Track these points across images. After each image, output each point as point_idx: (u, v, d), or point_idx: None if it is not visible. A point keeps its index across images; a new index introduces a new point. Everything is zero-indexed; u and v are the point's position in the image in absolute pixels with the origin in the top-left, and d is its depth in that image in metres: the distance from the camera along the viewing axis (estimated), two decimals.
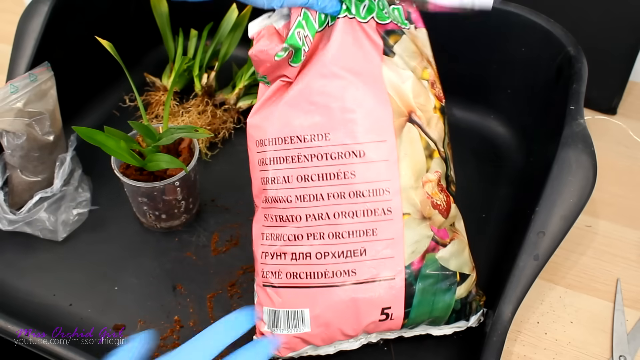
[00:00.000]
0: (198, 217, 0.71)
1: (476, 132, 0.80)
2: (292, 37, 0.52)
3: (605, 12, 0.77)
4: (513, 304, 0.54)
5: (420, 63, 0.56)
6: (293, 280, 0.53)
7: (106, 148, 0.61)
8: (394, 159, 0.52)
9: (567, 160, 0.57)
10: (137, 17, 0.85)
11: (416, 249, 0.53)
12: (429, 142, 0.54)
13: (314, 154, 0.52)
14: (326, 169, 0.52)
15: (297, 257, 0.53)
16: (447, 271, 0.54)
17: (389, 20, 0.54)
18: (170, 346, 0.60)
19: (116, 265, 0.67)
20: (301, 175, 0.53)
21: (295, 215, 0.53)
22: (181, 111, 0.79)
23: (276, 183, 0.54)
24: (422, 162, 0.54)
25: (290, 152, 0.53)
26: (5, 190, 0.69)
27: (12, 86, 0.64)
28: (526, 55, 0.73)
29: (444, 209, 0.55)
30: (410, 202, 0.53)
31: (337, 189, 0.52)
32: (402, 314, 0.53)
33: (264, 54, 0.53)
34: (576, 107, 0.60)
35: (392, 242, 0.52)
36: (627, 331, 0.62)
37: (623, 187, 0.75)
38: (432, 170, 0.54)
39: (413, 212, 0.53)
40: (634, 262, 0.67)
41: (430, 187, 0.54)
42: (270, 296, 0.54)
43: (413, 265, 0.53)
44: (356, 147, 0.52)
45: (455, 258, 0.55)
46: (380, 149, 0.52)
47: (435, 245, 0.54)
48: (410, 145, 0.53)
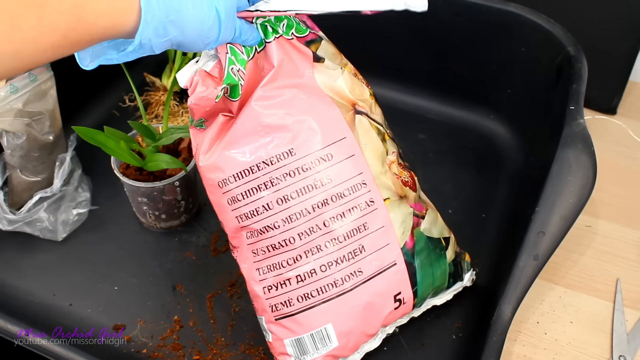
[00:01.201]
0: (198, 217, 0.71)
1: (476, 132, 0.80)
2: (228, 76, 0.50)
3: (605, 12, 0.77)
4: (513, 304, 0.54)
5: (341, 61, 0.57)
6: (307, 302, 0.53)
7: (106, 148, 0.61)
8: (358, 152, 0.53)
9: (567, 160, 0.57)
10: None
11: (405, 228, 0.55)
12: (378, 127, 0.56)
13: (286, 172, 0.51)
14: (302, 183, 0.51)
15: (303, 278, 0.52)
16: (433, 240, 0.57)
17: (307, 32, 0.54)
18: (170, 346, 0.60)
19: (116, 265, 0.67)
20: (280, 198, 0.51)
21: (288, 238, 0.52)
22: (181, 111, 0.79)
23: (257, 214, 0.52)
24: (380, 146, 0.55)
25: (261, 179, 0.51)
26: (5, 190, 0.69)
27: (12, 86, 0.64)
28: (526, 55, 0.73)
29: (412, 183, 0.58)
30: (386, 187, 0.54)
31: (319, 198, 0.52)
32: (412, 294, 0.55)
33: (204, 100, 0.51)
34: (576, 107, 0.60)
35: (383, 229, 0.53)
36: (627, 331, 0.62)
37: (623, 187, 0.75)
38: (390, 151, 0.57)
39: (391, 195, 0.54)
40: (634, 262, 0.67)
41: (395, 168, 0.56)
42: (288, 327, 0.53)
43: (407, 244, 0.55)
44: (322, 152, 0.52)
45: (434, 226, 0.58)
46: (344, 147, 0.53)
47: (417, 220, 0.56)
48: (366, 134, 0.55)
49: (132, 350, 0.60)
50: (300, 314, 0.53)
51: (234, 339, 0.61)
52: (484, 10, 0.72)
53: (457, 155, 0.77)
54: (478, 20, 0.74)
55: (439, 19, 0.56)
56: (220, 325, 0.61)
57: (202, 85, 0.51)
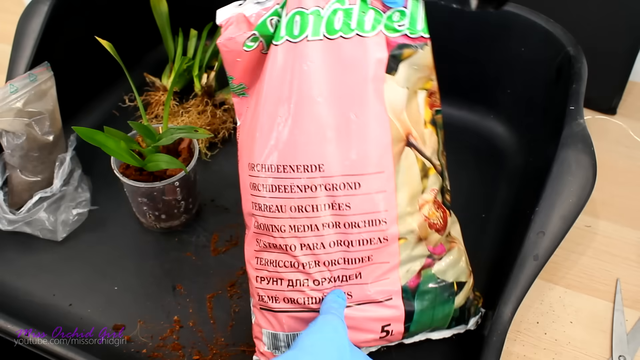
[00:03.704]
0: (198, 217, 0.71)
1: (476, 132, 0.80)
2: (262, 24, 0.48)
3: (605, 12, 0.77)
4: (513, 304, 0.54)
5: (428, 75, 0.53)
6: (292, 306, 0.52)
7: (106, 148, 0.61)
8: (392, 189, 0.50)
9: (566, 160, 0.57)
10: (137, 17, 0.85)
11: (410, 267, 0.52)
12: (424, 162, 0.52)
13: (308, 185, 0.49)
14: (320, 200, 0.49)
15: (294, 284, 0.52)
16: (445, 283, 0.54)
17: (400, 32, 0.50)
18: (170, 346, 0.60)
19: (116, 265, 0.67)
20: (294, 206, 0.50)
21: (290, 245, 0.51)
22: (181, 111, 0.79)
23: (269, 211, 0.51)
24: (418, 186, 0.52)
25: (283, 182, 0.50)
26: (5, 190, 0.69)
27: (11, 86, 0.64)
28: (526, 55, 0.73)
29: (441, 226, 0.54)
30: (408, 228, 0.51)
31: (332, 219, 0.50)
32: (402, 330, 0.53)
33: (232, 43, 0.49)
34: (576, 107, 0.60)
35: (387, 265, 0.51)
36: (626, 331, 0.62)
37: (623, 187, 0.75)
38: (429, 189, 0.53)
39: (410, 237, 0.51)
40: (633, 262, 0.67)
41: (427, 209, 0.52)
42: (269, 320, 0.54)
43: (409, 283, 0.52)
44: (351, 179, 0.49)
45: (452, 268, 0.55)
46: (378, 181, 0.49)
47: (430, 262, 0.53)
48: (408, 172, 0.51)
49: (132, 350, 0.60)
50: (283, 313, 0.53)
51: (234, 339, 0.61)
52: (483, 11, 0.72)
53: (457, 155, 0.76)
54: (478, 20, 0.74)
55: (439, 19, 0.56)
56: (220, 325, 0.61)
57: (235, 27, 0.50)
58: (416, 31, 0.50)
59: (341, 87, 0.49)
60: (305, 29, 0.49)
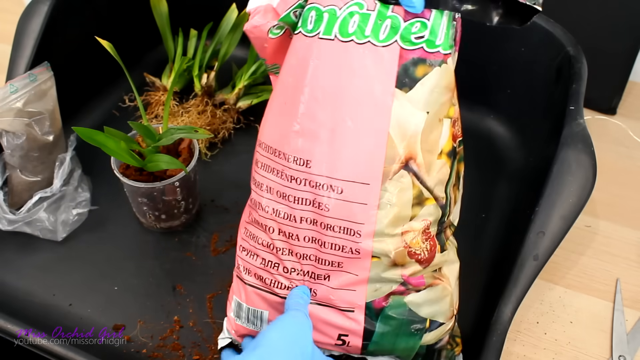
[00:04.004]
0: (198, 217, 0.71)
1: (476, 132, 0.80)
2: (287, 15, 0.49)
3: (605, 12, 0.77)
4: (513, 304, 0.54)
5: (450, 99, 0.50)
6: (259, 283, 0.53)
7: (106, 148, 0.61)
8: (374, 204, 0.48)
9: (566, 160, 0.57)
10: (137, 17, 0.85)
11: (380, 288, 0.51)
12: (422, 190, 0.50)
13: (294, 177, 0.50)
14: (303, 194, 0.50)
15: (266, 264, 0.53)
16: (415, 316, 0.52)
17: (417, 45, 0.48)
18: (169, 346, 0.60)
19: (116, 265, 0.67)
20: (281, 192, 0.51)
21: (270, 227, 0.52)
22: (181, 111, 0.79)
23: (260, 189, 0.52)
24: (407, 210, 0.49)
25: (276, 166, 0.51)
26: (5, 190, 0.69)
27: (11, 86, 0.64)
28: (526, 55, 0.73)
29: (424, 258, 0.51)
30: (383, 249, 0.49)
31: (311, 216, 0.50)
32: (360, 345, 0.53)
33: (257, 30, 0.50)
34: (576, 107, 0.60)
35: (356, 277, 0.50)
36: (626, 331, 0.62)
37: (623, 187, 0.75)
38: (420, 218, 0.50)
39: (384, 258, 0.50)
40: (633, 262, 0.67)
41: (410, 237, 0.50)
42: (239, 288, 0.55)
43: (375, 303, 0.51)
44: (335, 182, 0.49)
45: (430, 305, 0.52)
46: (361, 192, 0.48)
47: (403, 289, 0.51)
48: (398, 194, 0.49)
49: (132, 350, 0.60)
50: (250, 287, 0.54)
51: None
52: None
53: None
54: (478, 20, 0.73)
55: None
56: (220, 325, 0.61)
57: (261, 16, 0.51)
58: (434, 46, 0.48)
59: (343, 91, 0.48)
60: (318, 25, 0.49)
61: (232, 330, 0.57)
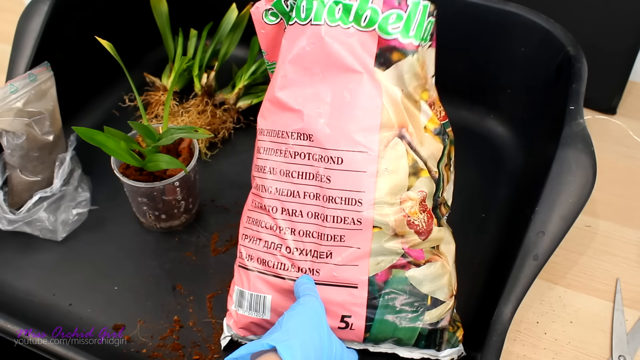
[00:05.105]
0: (198, 217, 0.71)
1: (476, 132, 0.80)
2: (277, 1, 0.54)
3: (605, 12, 0.77)
4: (513, 304, 0.54)
5: (421, 85, 0.54)
6: (262, 267, 0.55)
7: (106, 148, 0.61)
8: (373, 171, 0.51)
9: (566, 160, 0.57)
10: (137, 17, 0.85)
11: (382, 261, 0.52)
12: (417, 160, 0.53)
13: (298, 152, 0.53)
14: (306, 169, 0.52)
15: (269, 246, 0.55)
16: (417, 293, 0.53)
17: (393, 36, 0.52)
18: (169, 346, 0.60)
19: (116, 265, 0.67)
20: (284, 170, 0.54)
21: (273, 207, 0.54)
22: (181, 111, 0.79)
23: (263, 172, 0.55)
24: (404, 179, 0.52)
25: (279, 146, 0.54)
26: (5, 190, 0.69)
27: (11, 86, 0.64)
28: (526, 55, 0.73)
29: (423, 229, 0.53)
30: (383, 217, 0.51)
31: (313, 190, 0.52)
32: (363, 327, 0.53)
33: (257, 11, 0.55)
34: (576, 107, 0.60)
35: (358, 251, 0.52)
36: (626, 331, 0.62)
37: (623, 187, 0.75)
38: (416, 189, 0.53)
39: (385, 227, 0.52)
40: (633, 262, 0.67)
41: (409, 206, 0.52)
42: (241, 277, 0.57)
43: (377, 277, 0.52)
44: (335, 153, 0.51)
45: (430, 281, 0.54)
46: (360, 160, 0.51)
47: (405, 263, 0.53)
48: (395, 161, 0.52)
49: (132, 350, 0.60)
50: (253, 272, 0.56)
51: None
52: (483, 10, 0.72)
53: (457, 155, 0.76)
54: (477, 20, 0.74)
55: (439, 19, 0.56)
56: (220, 325, 0.61)
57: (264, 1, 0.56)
58: (407, 37, 0.52)
59: (339, 68, 0.52)
60: (309, 13, 0.53)
61: (233, 323, 0.57)
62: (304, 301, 0.49)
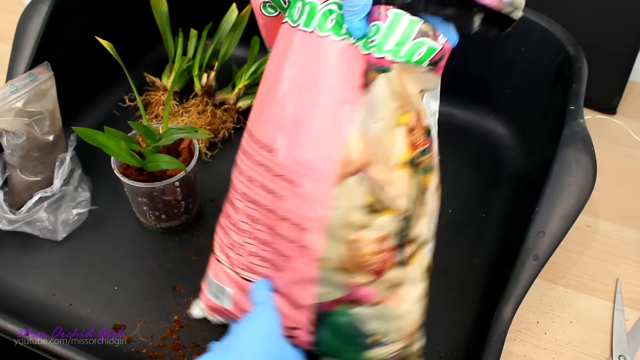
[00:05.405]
0: (198, 217, 0.71)
1: (476, 132, 0.80)
2: None
3: (605, 12, 0.77)
4: (513, 304, 0.54)
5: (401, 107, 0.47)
6: (226, 260, 0.56)
7: (106, 148, 0.61)
8: (325, 204, 0.47)
9: (567, 160, 0.57)
10: (137, 17, 0.85)
11: (329, 292, 0.50)
12: (378, 199, 0.48)
13: (261, 162, 0.50)
14: (266, 180, 0.50)
15: (233, 243, 0.55)
16: (358, 330, 0.51)
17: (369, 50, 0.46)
18: (169, 346, 0.60)
19: (116, 265, 0.67)
20: (249, 175, 0.51)
21: (238, 207, 0.54)
22: (181, 111, 0.79)
23: (237, 170, 0.54)
24: (360, 217, 0.48)
25: (249, 149, 0.52)
26: (5, 190, 0.69)
27: (12, 86, 0.64)
28: (526, 55, 0.73)
29: (375, 269, 0.49)
30: (331, 251, 0.48)
31: (270, 204, 0.50)
32: (309, 341, 0.53)
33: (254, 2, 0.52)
34: (576, 107, 0.60)
35: (305, 275, 0.50)
36: (626, 331, 0.62)
37: (623, 187, 0.75)
38: (374, 228, 0.48)
39: (331, 260, 0.49)
40: (634, 262, 0.67)
41: (361, 245, 0.48)
42: (212, 265, 0.58)
43: (323, 305, 0.51)
44: (293, 175, 0.48)
45: (378, 322, 0.51)
46: (314, 188, 0.47)
47: (352, 299, 0.50)
48: (350, 199, 0.47)
49: (132, 350, 0.60)
50: (218, 263, 0.57)
51: None
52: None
53: (457, 155, 0.76)
54: None
55: None
56: (220, 325, 0.61)
57: None
58: (382, 51, 0.46)
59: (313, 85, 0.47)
60: (300, 16, 0.48)
61: (203, 298, 0.59)
62: (258, 312, 0.49)
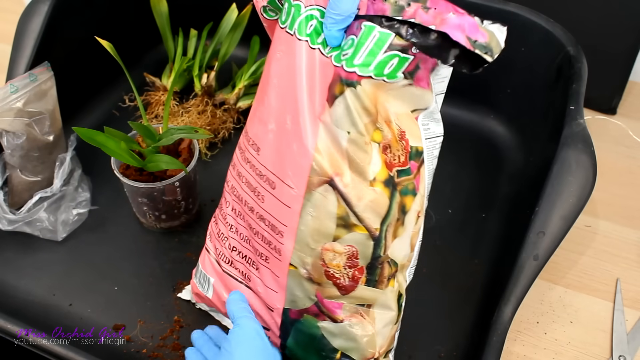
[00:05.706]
0: (198, 217, 0.71)
1: (476, 132, 0.80)
2: None
3: (605, 12, 0.77)
4: (513, 304, 0.54)
5: (372, 123, 0.46)
6: (213, 250, 0.58)
7: (106, 149, 0.61)
8: (297, 210, 0.48)
9: (567, 160, 0.57)
10: (137, 17, 0.85)
11: (296, 301, 0.51)
12: (348, 212, 0.47)
13: (248, 160, 0.52)
14: (251, 179, 0.52)
15: (220, 235, 0.57)
16: (326, 344, 0.51)
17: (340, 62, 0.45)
18: (170, 346, 0.60)
19: (116, 265, 0.67)
20: (239, 171, 0.54)
21: (227, 201, 0.56)
22: (181, 111, 0.79)
23: (231, 163, 0.56)
24: (330, 229, 0.47)
25: (243, 146, 0.54)
26: (5, 190, 0.69)
27: (12, 86, 0.64)
28: (526, 55, 0.73)
29: (344, 284, 0.49)
30: (300, 259, 0.49)
31: (251, 203, 0.52)
32: (279, 343, 0.55)
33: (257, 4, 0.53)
34: (576, 107, 0.60)
35: (277, 279, 0.51)
36: (626, 331, 0.62)
37: (623, 187, 0.75)
38: (344, 242, 0.48)
39: (300, 268, 0.49)
40: (634, 262, 0.67)
41: (330, 256, 0.48)
42: (203, 251, 0.60)
43: (291, 312, 0.52)
44: (271, 176, 0.50)
45: (346, 340, 0.50)
46: (288, 194, 0.48)
47: (318, 312, 0.50)
48: (320, 208, 0.47)
49: (132, 350, 0.60)
50: (207, 252, 0.59)
51: None
52: (483, 11, 0.72)
53: (457, 155, 0.76)
54: None
55: None
56: (220, 325, 0.61)
57: None
58: (352, 65, 0.44)
59: (292, 89, 0.47)
60: (287, 18, 0.48)
61: (191, 287, 0.61)
62: (242, 327, 0.49)
